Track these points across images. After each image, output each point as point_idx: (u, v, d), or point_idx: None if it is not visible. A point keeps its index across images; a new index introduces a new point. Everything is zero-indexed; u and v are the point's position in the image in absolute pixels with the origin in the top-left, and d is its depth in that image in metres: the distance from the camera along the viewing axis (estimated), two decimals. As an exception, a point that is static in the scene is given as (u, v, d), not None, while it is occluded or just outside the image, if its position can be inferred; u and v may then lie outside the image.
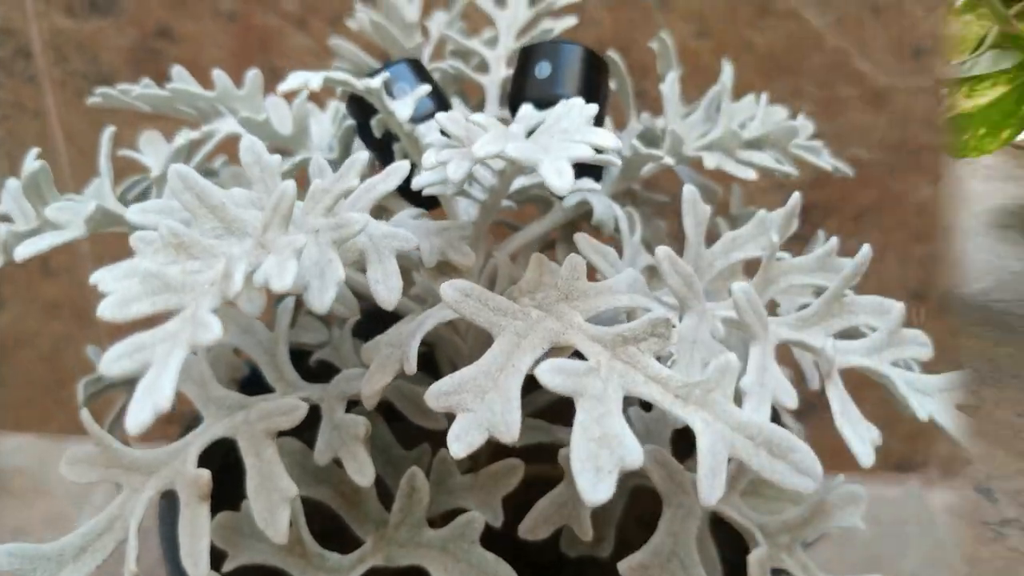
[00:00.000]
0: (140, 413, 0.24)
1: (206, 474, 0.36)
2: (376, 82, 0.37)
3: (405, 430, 0.46)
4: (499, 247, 0.45)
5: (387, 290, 0.33)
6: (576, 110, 0.33)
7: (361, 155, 0.32)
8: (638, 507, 0.47)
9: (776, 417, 0.35)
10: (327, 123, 0.47)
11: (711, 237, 0.40)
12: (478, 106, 0.52)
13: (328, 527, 0.43)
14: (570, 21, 0.51)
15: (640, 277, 0.36)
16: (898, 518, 0.90)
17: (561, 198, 0.45)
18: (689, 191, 0.38)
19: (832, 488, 0.41)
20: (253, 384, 0.44)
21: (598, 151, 0.32)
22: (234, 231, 0.32)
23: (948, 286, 0.83)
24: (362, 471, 0.38)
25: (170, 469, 0.38)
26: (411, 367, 0.35)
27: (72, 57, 0.77)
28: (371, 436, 0.39)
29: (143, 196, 0.47)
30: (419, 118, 0.41)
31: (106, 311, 0.27)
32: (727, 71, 0.46)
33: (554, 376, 0.29)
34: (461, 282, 0.33)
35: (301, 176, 0.44)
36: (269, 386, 0.42)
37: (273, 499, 0.36)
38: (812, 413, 0.44)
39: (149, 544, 0.43)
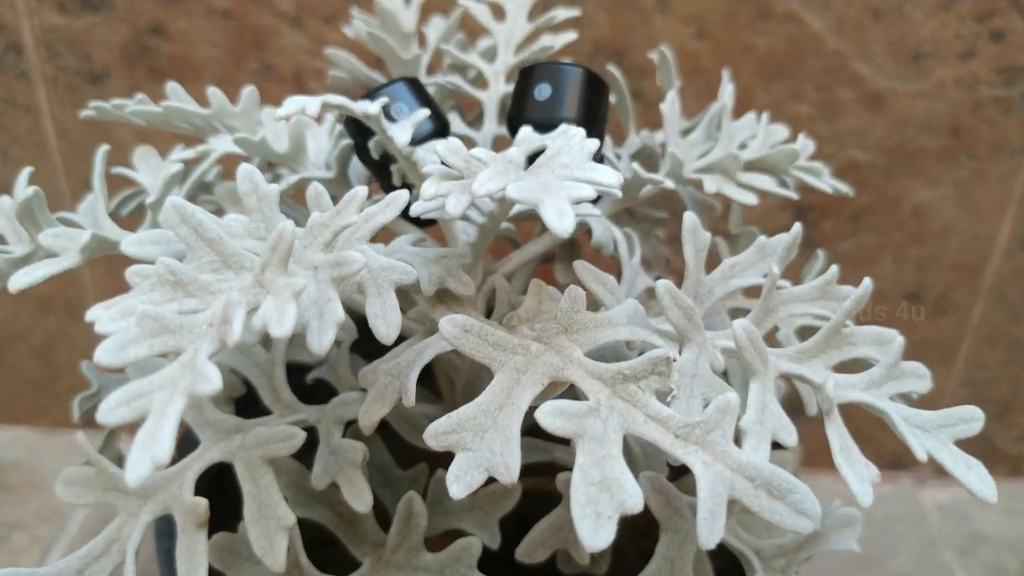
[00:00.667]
0: (139, 466, 0.24)
1: (203, 503, 0.36)
2: (374, 108, 0.37)
3: (402, 445, 0.46)
4: (497, 265, 0.45)
5: (386, 325, 0.32)
6: (577, 144, 0.32)
7: (360, 190, 0.32)
8: (635, 518, 0.47)
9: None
10: (324, 138, 0.47)
11: (710, 256, 0.40)
12: (475, 120, 0.52)
13: (325, 537, 0.43)
14: (570, 36, 0.50)
15: (640, 308, 0.36)
16: (890, 516, 0.91)
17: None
18: (689, 219, 0.37)
19: (828, 512, 0.42)
20: (250, 403, 0.44)
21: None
22: (231, 265, 0.32)
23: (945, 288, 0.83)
24: (360, 498, 0.38)
25: (167, 494, 0.38)
26: (410, 400, 0.35)
27: (64, 53, 0.76)
28: (368, 456, 0.39)
29: (138, 211, 0.46)
30: (418, 139, 0.41)
31: (103, 356, 0.26)
32: (728, 90, 0.46)
33: (554, 418, 0.29)
34: (460, 317, 0.32)
35: (299, 195, 0.43)
36: (266, 407, 0.42)
37: (271, 527, 0.36)
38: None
39: (145, 538, 0.43)
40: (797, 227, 0.36)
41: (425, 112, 0.39)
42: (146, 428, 0.25)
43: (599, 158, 0.44)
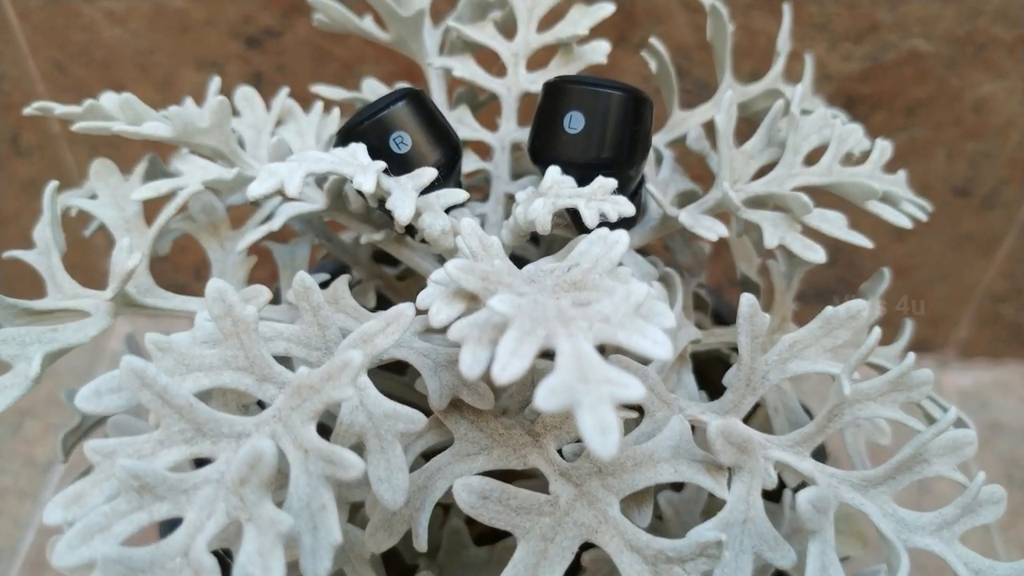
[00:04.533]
0: None
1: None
2: (369, 183, 0.30)
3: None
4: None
5: (392, 490, 0.28)
6: (621, 291, 0.26)
7: (353, 360, 0.26)
8: None
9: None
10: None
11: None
12: (488, 101, 0.43)
13: None
14: (607, 9, 0.40)
15: (685, 431, 0.31)
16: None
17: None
18: (747, 303, 0.32)
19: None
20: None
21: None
22: (207, 433, 0.27)
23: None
24: (369, 596, 0.35)
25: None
26: (422, 544, 0.31)
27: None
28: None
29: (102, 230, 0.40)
30: (425, 189, 0.34)
31: (61, 628, 0.22)
32: (797, 90, 0.37)
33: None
34: (477, 481, 0.28)
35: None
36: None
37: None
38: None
39: None
40: (877, 333, 0.31)
41: (431, 174, 0.32)
42: None
43: (640, 183, 0.37)
